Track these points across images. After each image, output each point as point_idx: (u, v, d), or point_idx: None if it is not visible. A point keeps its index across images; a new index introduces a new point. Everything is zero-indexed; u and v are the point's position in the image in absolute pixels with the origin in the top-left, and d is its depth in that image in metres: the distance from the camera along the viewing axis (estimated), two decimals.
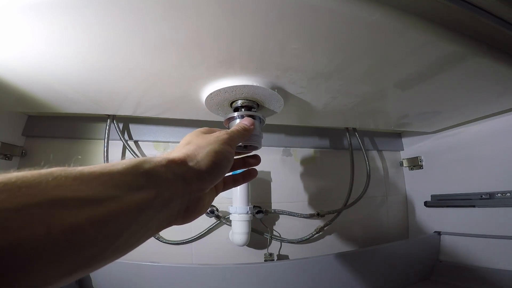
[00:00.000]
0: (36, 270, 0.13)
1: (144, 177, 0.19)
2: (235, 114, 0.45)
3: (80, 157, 0.69)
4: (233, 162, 0.28)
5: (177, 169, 0.22)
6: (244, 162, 0.38)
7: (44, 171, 0.15)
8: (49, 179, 0.14)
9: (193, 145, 0.26)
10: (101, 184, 0.16)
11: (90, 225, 0.14)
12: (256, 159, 0.39)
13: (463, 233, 0.73)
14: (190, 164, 0.23)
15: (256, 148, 0.43)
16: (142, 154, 0.74)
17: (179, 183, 0.21)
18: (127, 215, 0.17)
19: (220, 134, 0.29)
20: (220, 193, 0.67)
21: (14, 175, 0.14)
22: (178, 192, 0.21)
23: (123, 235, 0.17)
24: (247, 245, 0.67)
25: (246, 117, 0.41)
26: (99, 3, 0.28)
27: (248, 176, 0.38)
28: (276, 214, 0.76)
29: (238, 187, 0.66)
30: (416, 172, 0.91)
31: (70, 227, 0.14)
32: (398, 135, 0.98)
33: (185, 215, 0.23)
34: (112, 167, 0.18)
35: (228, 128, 0.44)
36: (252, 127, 0.37)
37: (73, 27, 0.31)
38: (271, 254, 0.73)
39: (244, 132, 0.35)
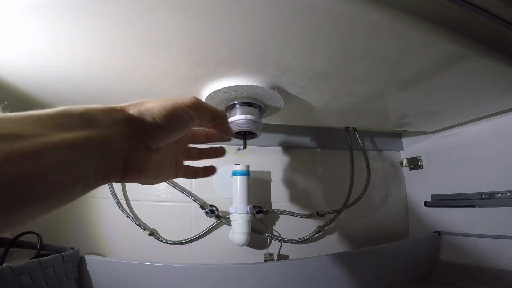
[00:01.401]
0: None
1: (77, 118, 0.17)
2: (236, 102, 0.45)
3: None
4: (190, 127, 0.25)
5: (117, 114, 0.20)
6: (214, 150, 0.36)
7: None
8: None
9: (147, 100, 0.23)
10: (28, 123, 0.15)
11: (7, 160, 0.13)
12: (227, 136, 0.33)
13: (463, 233, 0.73)
14: (132, 111, 0.21)
15: (255, 135, 0.43)
16: None
17: (117, 128, 0.19)
18: (52, 154, 0.15)
19: (186, 96, 0.26)
20: (220, 193, 0.66)
21: None
22: (115, 138, 0.19)
23: (46, 176, 0.15)
24: (247, 245, 0.67)
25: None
26: (99, 3, 0.28)
27: (208, 171, 0.35)
28: (276, 214, 0.76)
29: (238, 187, 0.66)
30: (416, 172, 0.91)
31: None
32: (398, 135, 0.98)
33: (125, 170, 0.21)
34: (42, 111, 0.17)
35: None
36: (225, 116, 0.31)
37: (73, 27, 0.31)
38: (271, 254, 0.73)
39: (214, 111, 0.29)
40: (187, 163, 0.34)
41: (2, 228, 0.14)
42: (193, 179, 0.26)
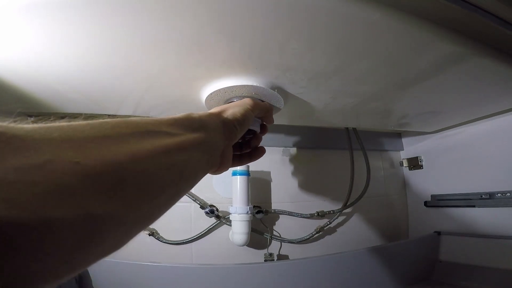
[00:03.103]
0: (146, 183, 0.16)
1: (197, 122, 0.24)
2: (235, 100, 0.45)
3: None
4: (251, 124, 0.34)
5: (216, 119, 0.27)
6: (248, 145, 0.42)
7: (136, 118, 0.19)
8: (141, 120, 0.19)
9: (224, 106, 0.32)
10: (171, 125, 0.21)
11: (174, 148, 0.19)
12: (264, 131, 0.44)
13: (463, 233, 0.73)
14: (225, 115, 0.29)
15: (254, 132, 0.44)
16: None
17: (219, 129, 0.26)
18: (188, 149, 0.21)
19: (246, 100, 0.35)
20: (220, 193, 0.69)
21: (121, 119, 0.18)
22: (219, 137, 0.26)
23: (187, 166, 0.21)
24: (247, 245, 0.67)
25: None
26: (99, 3, 0.28)
27: (255, 154, 0.41)
28: (276, 214, 0.76)
29: (238, 187, 0.66)
30: (416, 172, 0.91)
31: (166, 147, 0.19)
32: (398, 135, 0.98)
33: (221, 162, 0.27)
34: (174, 116, 0.23)
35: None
36: (271, 109, 0.42)
37: (73, 27, 0.31)
38: (271, 254, 0.73)
39: (265, 108, 0.39)
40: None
41: (152, 213, 0.18)
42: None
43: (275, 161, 0.81)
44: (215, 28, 0.32)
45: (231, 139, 0.28)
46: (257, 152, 0.41)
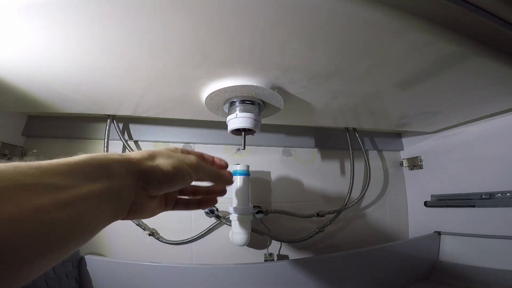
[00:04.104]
0: (11, 251, 0.14)
1: (98, 169, 0.21)
2: (235, 99, 0.46)
3: None
4: (188, 184, 0.29)
5: (130, 167, 0.24)
6: (207, 191, 0.37)
7: (7, 163, 0.16)
8: (11, 169, 0.16)
9: (158, 153, 0.28)
10: (60, 174, 0.18)
11: (54, 207, 0.16)
12: (221, 193, 0.38)
13: (463, 233, 0.73)
14: (146, 164, 0.25)
15: (253, 132, 0.43)
16: None
17: (129, 179, 0.23)
18: (85, 202, 0.18)
19: (190, 157, 0.30)
20: None
21: None
22: (127, 187, 0.23)
23: (82, 220, 0.18)
24: (247, 245, 0.67)
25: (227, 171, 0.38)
26: (99, 4, 0.28)
27: (204, 203, 0.37)
28: (276, 214, 0.76)
29: (238, 187, 0.66)
30: (416, 172, 0.91)
31: (37, 208, 0.15)
32: (398, 135, 0.98)
33: (130, 211, 0.25)
34: (69, 159, 0.20)
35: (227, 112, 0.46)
36: (226, 177, 0.35)
37: (73, 27, 0.31)
38: (271, 254, 0.73)
39: (215, 174, 0.33)
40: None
41: (41, 269, 0.16)
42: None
43: (275, 161, 0.81)
44: (215, 28, 0.32)
45: (148, 190, 0.25)
46: (208, 201, 0.37)
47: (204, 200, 0.37)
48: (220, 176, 0.34)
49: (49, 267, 0.17)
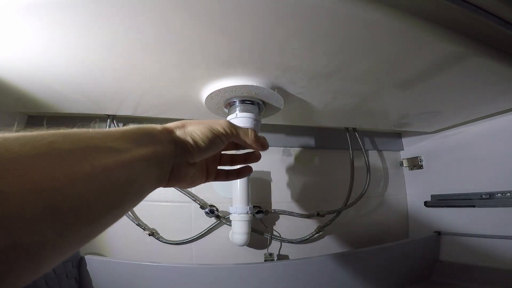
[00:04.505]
0: (85, 207, 0.15)
1: (147, 136, 0.23)
2: (235, 100, 0.46)
3: None
4: (221, 148, 0.30)
5: (168, 136, 0.26)
6: (245, 158, 0.39)
7: (81, 129, 0.18)
8: (84, 132, 0.18)
9: (188, 122, 0.29)
10: (118, 139, 0.20)
11: (116, 167, 0.18)
12: (257, 158, 0.40)
13: (463, 233, 0.73)
14: (178, 133, 0.27)
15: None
16: None
17: (169, 147, 0.25)
18: (138, 164, 0.20)
19: (220, 121, 0.31)
20: (220, 193, 0.67)
21: (60, 131, 0.17)
22: (168, 154, 0.25)
23: (136, 181, 0.20)
24: (247, 245, 0.67)
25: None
26: (99, 4, 0.28)
27: (242, 172, 0.38)
28: (276, 214, 0.76)
29: (238, 187, 0.66)
30: (416, 172, 0.91)
31: (105, 167, 0.17)
32: (398, 135, 0.98)
33: (170, 178, 0.26)
34: (122, 128, 0.22)
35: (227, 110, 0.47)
36: (254, 139, 0.34)
37: (73, 27, 0.31)
38: (271, 254, 0.73)
39: (246, 136, 0.33)
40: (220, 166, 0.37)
41: (97, 232, 0.17)
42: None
43: (275, 161, 0.81)
44: (215, 28, 0.32)
45: (185, 157, 0.26)
46: (245, 170, 0.39)
47: (242, 169, 0.39)
48: (252, 133, 0.34)
49: (101, 231, 0.18)
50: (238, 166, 0.39)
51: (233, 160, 0.38)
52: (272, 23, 0.31)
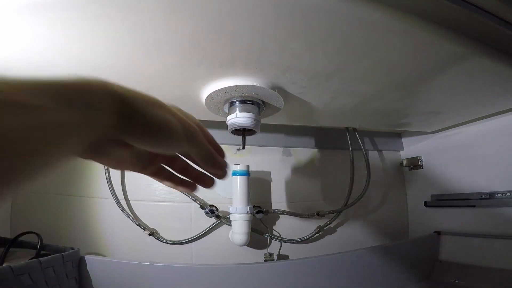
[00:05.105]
0: None
1: (79, 96, 0.17)
2: (235, 99, 0.46)
3: None
4: (172, 150, 0.24)
5: (114, 102, 0.20)
6: (197, 176, 0.30)
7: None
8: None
9: (150, 98, 0.22)
10: (36, 93, 0.15)
11: (22, 131, 0.13)
12: (209, 184, 0.30)
13: (463, 233, 0.73)
14: (134, 107, 0.21)
15: (254, 132, 0.43)
16: None
17: (110, 117, 0.19)
18: (52, 133, 0.15)
19: (192, 119, 0.25)
20: (220, 193, 0.64)
21: None
22: (103, 125, 0.19)
23: (44, 153, 0.15)
24: (247, 245, 0.67)
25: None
26: (99, 4, 0.28)
27: (185, 185, 0.29)
28: (276, 214, 0.76)
29: (238, 187, 0.66)
30: (416, 172, 0.91)
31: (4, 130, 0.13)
32: (398, 135, 0.98)
33: (91, 152, 0.21)
34: (49, 78, 0.16)
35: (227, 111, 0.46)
36: (221, 163, 0.27)
37: (73, 27, 0.31)
38: (271, 254, 0.73)
39: (209, 153, 0.26)
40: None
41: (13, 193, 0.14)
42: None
43: (275, 161, 0.81)
44: (215, 28, 0.32)
45: (124, 134, 0.20)
46: (190, 185, 0.29)
47: (186, 182, 0.29)
48: (214, 158, 0.26)
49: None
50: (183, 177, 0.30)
51: (185, 170, 0.29)
52: (272, 23, 0.31)
